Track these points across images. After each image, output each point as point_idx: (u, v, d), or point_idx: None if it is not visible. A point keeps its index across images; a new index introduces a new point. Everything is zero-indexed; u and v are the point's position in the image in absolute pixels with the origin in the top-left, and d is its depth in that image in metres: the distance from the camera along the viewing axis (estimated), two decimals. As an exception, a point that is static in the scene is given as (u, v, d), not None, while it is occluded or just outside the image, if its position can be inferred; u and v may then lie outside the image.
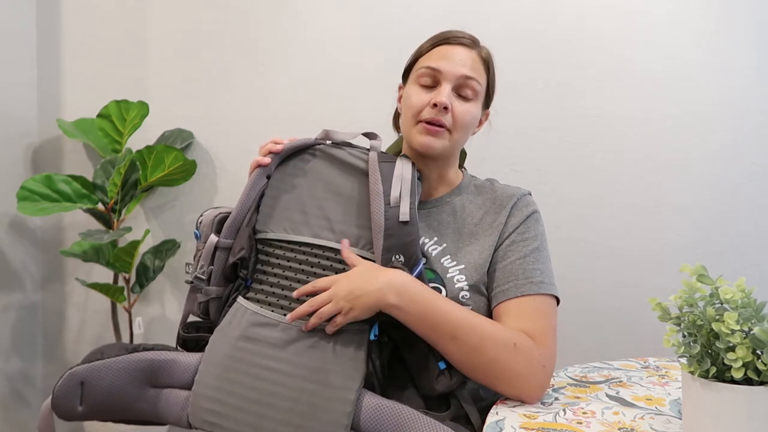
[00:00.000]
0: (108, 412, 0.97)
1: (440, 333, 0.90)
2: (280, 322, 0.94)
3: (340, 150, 1.05)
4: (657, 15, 1.73)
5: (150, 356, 0.98)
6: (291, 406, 0.88)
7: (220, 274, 1.02)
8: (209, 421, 0.92)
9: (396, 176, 0.99)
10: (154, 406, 0.97)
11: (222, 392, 0.92)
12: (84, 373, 0.95)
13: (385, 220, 0.95)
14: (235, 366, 0.93)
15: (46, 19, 2.03)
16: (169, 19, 1.98)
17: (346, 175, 1.03)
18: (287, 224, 1.01)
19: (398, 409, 0.87)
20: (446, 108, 1.00)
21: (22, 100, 1.99)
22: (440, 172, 1.10)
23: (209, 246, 1.02)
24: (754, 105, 1.71)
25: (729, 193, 1.72)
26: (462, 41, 1.05)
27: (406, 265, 0.94)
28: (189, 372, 0.97)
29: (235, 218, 1.03)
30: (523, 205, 1.05)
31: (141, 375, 0.97)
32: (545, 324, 0.95)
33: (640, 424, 0.81)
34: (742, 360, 0.66)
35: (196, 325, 1.04)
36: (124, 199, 1.85)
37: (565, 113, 1.78)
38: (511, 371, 0.89)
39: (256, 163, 1.04)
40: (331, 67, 1.89)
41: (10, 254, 1.95)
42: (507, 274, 0.99)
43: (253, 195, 1.04)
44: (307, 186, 1.04)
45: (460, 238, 1.04)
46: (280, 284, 0.98)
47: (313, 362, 0.90)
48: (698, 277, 0.71)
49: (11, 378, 1.96)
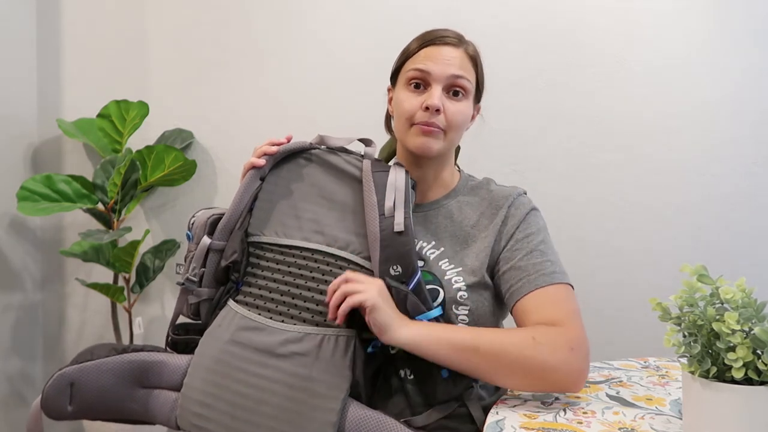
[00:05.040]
0: (97, 411, 0.98)
1: (461, 349, 0.89)
2: (267, 326, 0.95)
3: (335, 156, 1.05)
4: (657, 15, 1.73)
5: (139, 357, 0.98)
6: (277, 414, 0.89)
7: (212, 276, 1.03)
8: (197, 424, 0.93)
9: (389, 186, 0.98)
10: (144, 406, 0.98)
11: (210, 397, 0.93)
12: (73, 373, 0.96)
13: (381, 230, 0.95)
14: (223, 371, 0.93)
15: (46, 19, 2.02)
16: (169, 18, 1.98)
17: (340, 182, 1.03)
18: (279, 228, 1.01)
19: (383, 420, 0.88)
20: (438, 110, 1.00)
21: (22, 100, 1.99)
22: (436, 172, 1.09)
23: (202, 248, 1.02)
24: (754, 105, 1.71)
25: (729, 193, 1.72)
26: (448, 40, 1.05)
27: (403, 275, 0.94)
28: (178, 374, 0.98)
29: (228, 220, 1.03)
30: (520, 204, 1.05)
31: (130, 375, 0.97)
32: (566, 308, 0.94)
33: (641, 423, 0.81)
34: (742, 360, 0.66)
35: (186, 326, 1.04)
36: (124, 199, 1.85)
37: (565, 113, 1.78)
38: (540, 365, 0.87)
39: (250, 164, 1.04)
40: (331, 67, 1.89)
41: (10, 254, 1.95)
42: (517, 271, 0.98)
43: (247, 197, 1.03)
44: (300, 191, 1.04)
45: (457, 241, 1.04)
46: (269, 287, 0.98)
47: (300, 369, 0.90)
48: (698, 277, 0.71)
49: (11, 378, 1.96)
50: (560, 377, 0.88)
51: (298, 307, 0.95)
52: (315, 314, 0.95)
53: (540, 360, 0.87)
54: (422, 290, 0.95)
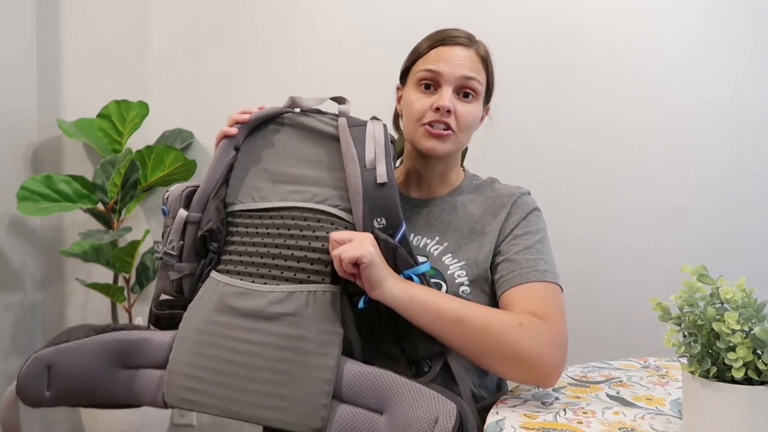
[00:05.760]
0: (78, 396, 0.93)
1: (446, 318, 0.88)
2: (250, 290, 0.92)
3: (309, 117, 1.03)
4: (657, 15, 1.74)
5: (120, 336, 0.93)
6: (270, 378, 0.86)
7: (191, 249, 0.99)
8: (186, 398, 0.90)
9: (369, 138, 0.96)
10: (127, 388, 0.93)
11: (197, 368, 0.90)
12: (50, 356, 0.90)
13: (363, 183, 0.92)
14: (209, 340, 0.90)
15: (46, 19, 2.02)
16: (170, 19, 1.98)
17: (316, 143, 1.00)
18: (255, 193, 0.99)
19: (381, 374, 0.84)
20: (449, 111, 1.00)
21: (22, 100, 1.99)
22: (443, 172, 1.10)
23: (179, 220, 0.99)
24: (754, 105, 1.71)
25: (729, 193, 1.72)
26: (459, 41, 1.05)
27: (388, 227, 0.92)
28: (163, 350, 0.93)
29: (203, 191, 1.00)
30: (523, 203, 1.05)
31: (111, 356, 0.92)
32: (553, 306, 0.95)
33: (641, 423, 0.81)
34: (742, 360, 0.66)
35: (169, 302, 1.00)
36: (124, 199, 1.84)
37: (565, 113, 1.78)
38: (521, 350, 0.87)
39: (223, 133, 1.01)
40: (332, 67, 1.89)
41: (10, 254, 1.95)
42: (511, 264, 0.99)
43: (221, 167, 1.00)
44: (276, 156, 1.01)
45: (461, 236, 1.04)
46: (248, 252, 0.95)
47: (289, 329, 0.87)
48: (698, 276, 0.71)
49: (11, 378, 1.96)
50: (537, 366, 0.88)
51: (279, 267, 0.92)
52: (297, 272, 0.91)
53: (522, 346, 0.88)
54: (408, 243, 0.93)
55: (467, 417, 0.78)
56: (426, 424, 0.76)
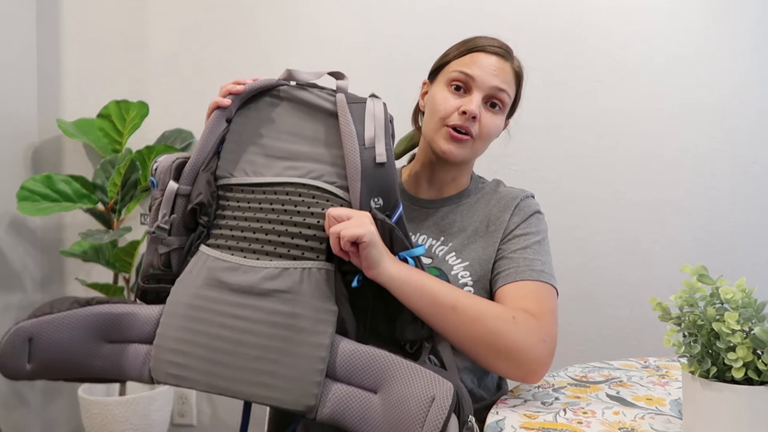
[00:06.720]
0: (60, 370, 0.90)
1: (440, 303, 0.87)
2: (242, 265, 0.89)
3: (306, 92, 0.99)
4: (657, 15, 1.74)
5: (105, 309, 0.90)
6: (260, 354, 0.83)
7: (181, 222, 0.96)
8: (173, 374, 0.87)
9: (368, 116, 0.93)
10: (112, 362, 0.90)
11: (186, 343, 0.87)
12: (31, 328, 0.87)
13: (362, 161, 0.90)
14: (199, 315, 0.87)
15: (46, 19, 2.03)
16: (169, 19, 1.98)
17: (312, 118, 0.97)
18: (249, 167, 0.96)
19: (376, 353, 0.82)
20: (475, 117, 1.00)
21: (22, 100, 1.99)
22: (454, 176, 1.11)
23: (169, 193, 0.95)
24: (754, 105, 1.71)
25: (729, 193, 1.72)
26: (497, 51, 1.05)
27: (385, 208, 0.90)
28: (149, 325, 0.90)
29: (194, 163, 0.97)
30: (526, 205, 1.07)
31: (96, 330, 0.89)
32: (546, 306, 0.95)
33: (641, 423, 0.81)
34: (742, 360, 0.66)
35: (157, 276, 0.97)
36: (124, 199, 1.85)
37: (565, 113, 1.78)
38: (512, 343, 0.87)
39: (215, 104, 0.99)
40: (332, 67, 1.88)
41: (10, 254, 1.95)
42: (508, 261, 1.00)
43: (213, 138, 0.98)
44: (270, 129, 0.98)
45: (466, 235, 1.05)
46: (240, 226, 0.92)
47: (282, 306, 0.85)
48: (698, 277, 0.71)
49: (11, 378, 1.96)
50: (526, 361, 0.88)
51: (272, 243, 0.90)
52: (291, 248, 0.89)
53: (513, 338, 0.88)
54: (404, 225, 0.92)
55: (464, 398, 0.77)
56: (422, 403, 0.74)
